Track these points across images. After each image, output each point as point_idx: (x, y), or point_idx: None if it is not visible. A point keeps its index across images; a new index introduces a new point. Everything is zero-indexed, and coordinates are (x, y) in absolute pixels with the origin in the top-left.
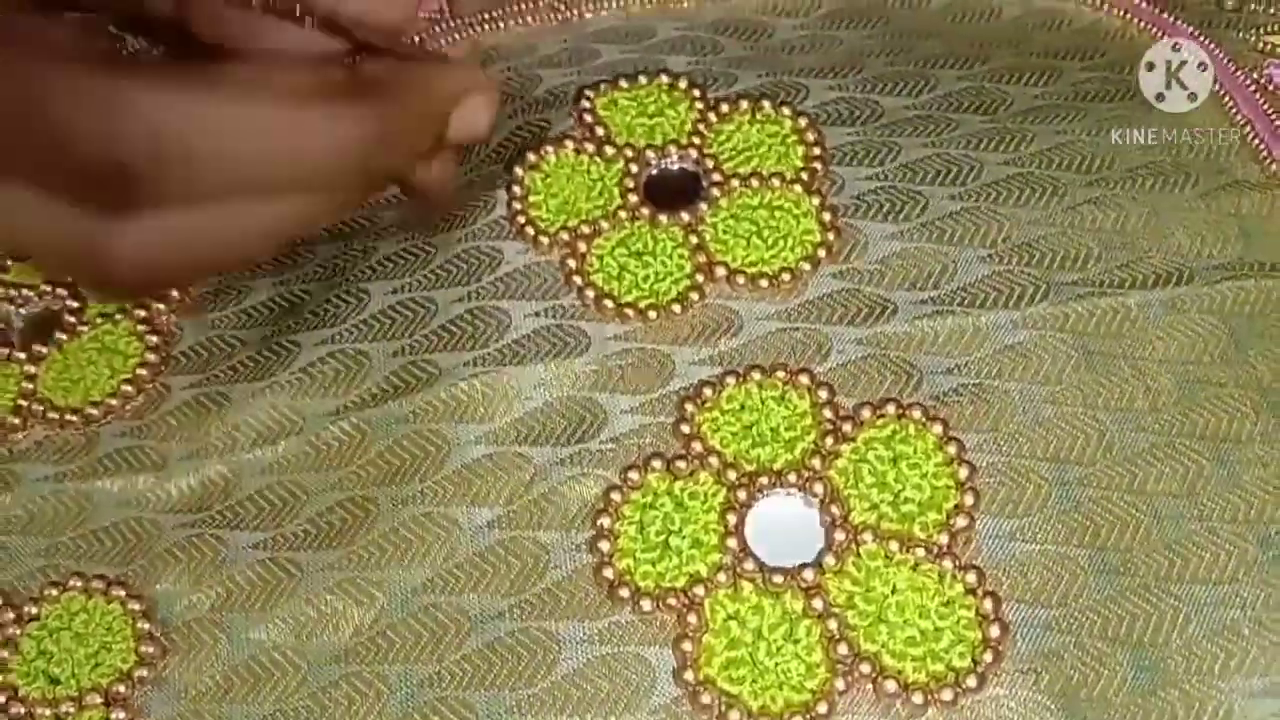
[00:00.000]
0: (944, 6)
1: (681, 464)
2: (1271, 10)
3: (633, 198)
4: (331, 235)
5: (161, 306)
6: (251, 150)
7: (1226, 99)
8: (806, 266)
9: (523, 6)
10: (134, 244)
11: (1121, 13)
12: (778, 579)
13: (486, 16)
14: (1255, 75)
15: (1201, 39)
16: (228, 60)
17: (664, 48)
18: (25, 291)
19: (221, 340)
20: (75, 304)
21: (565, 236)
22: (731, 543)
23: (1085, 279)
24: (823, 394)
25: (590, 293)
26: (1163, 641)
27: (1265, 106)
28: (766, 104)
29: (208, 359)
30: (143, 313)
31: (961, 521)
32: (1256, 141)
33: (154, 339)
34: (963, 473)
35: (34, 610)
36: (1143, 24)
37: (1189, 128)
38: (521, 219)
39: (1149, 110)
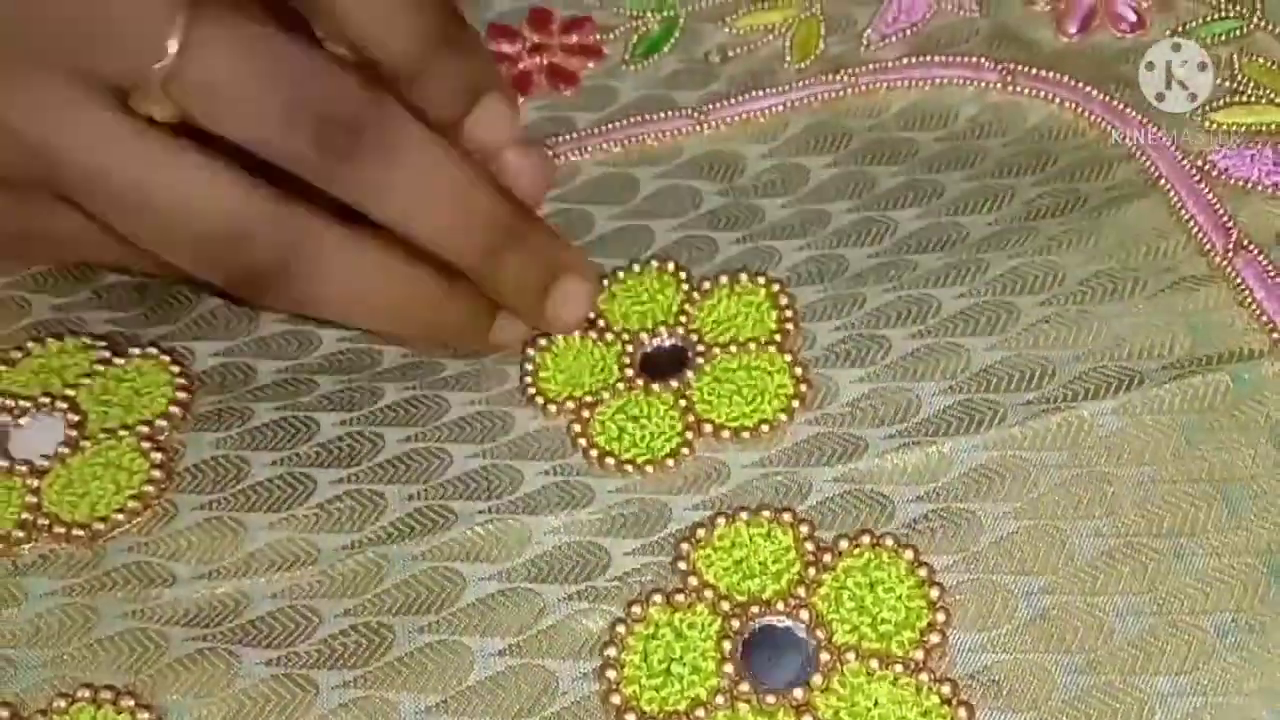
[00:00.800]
0: (903, 110)
1: (680, 597)
2: (1219, 82)
3: (629, 371)
4: (330, 365)
5: (164, 424)
6: None
7: (1171, 193)
8: (784, 417)
9: None
10: None
11: (1073, 105)
12: (770, 699)
13: None
14: (1199, 162)
15: (1150, 126)
16: None
17: (648, 209)
18: (22, 403)
19: (228, 460)
20: (76, 417)
21: (571, 405)
22: (728, 668)
23: (1041, 397)
24: (804, 529)
25: (594, 452)
26: None
27: (1209, 195)
28: (744, 277)
29: (215, 479)
30: (146, 429)
31: (935, 638)
32: (1200, 235)
33: (159, 455)
34: (934, 593)
35: None
36: (1092, 115)
37: (1136, 228)
38: (532, 390)
39: (1098, 219)
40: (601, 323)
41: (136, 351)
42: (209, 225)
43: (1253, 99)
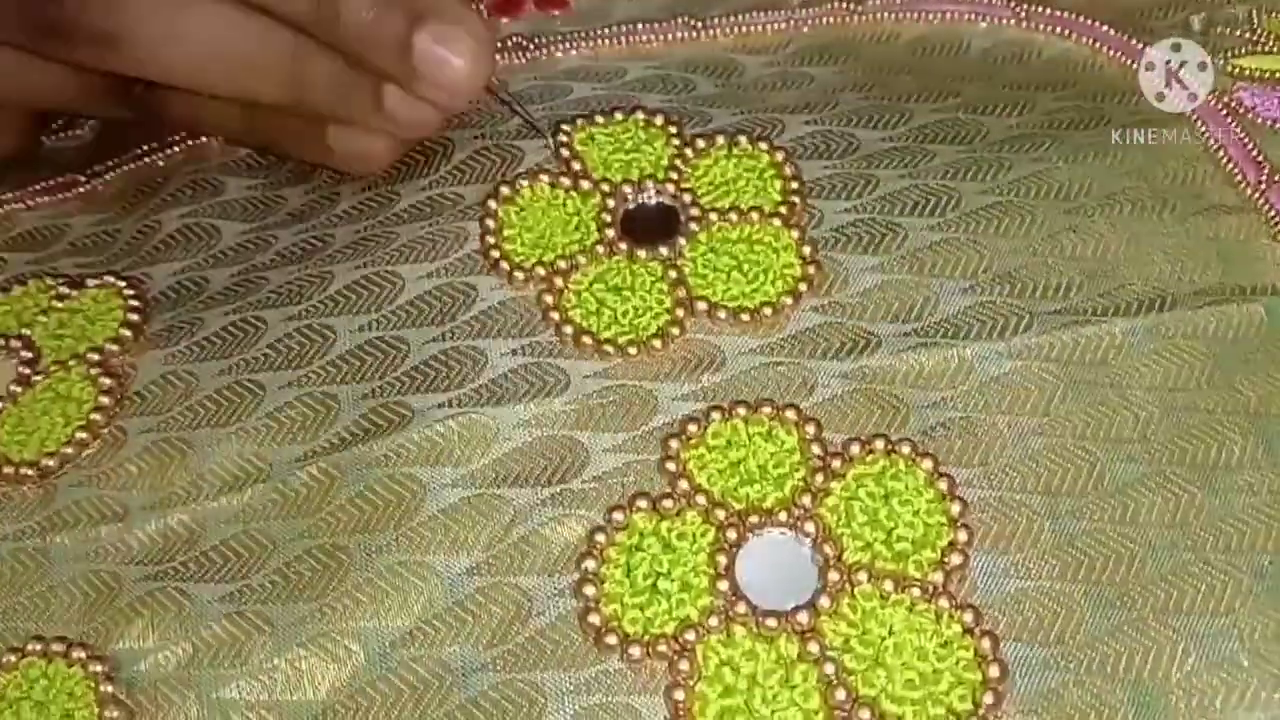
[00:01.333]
0: (913, 40)
1: (668, 503)
2: (1239, 33)
3: (610, 232)
4: (282, 259)
5: (115, 347)
6: None
7: (1199, 124)
8: (788, 300)
9: None
10: None
11: (1091, 41)
12: (771, 623)
13: None
14: (1226, 99)
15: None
16: None
17: (636, 86)
18: None
19: (176, 377)
20: (29, 355)
21: (541, 272)
22: (723, 585)
23: (1068, 308)
24: (810, 430)
25: (568, 329)
26: (1162, 676)
27: (1237, 130)
28: (743, 139)
29: (163, 398)
30: (96, 356)
31: (956, 559)
32: (1230, 165)
33: (107, 381)
34: (955, 509)
35: None
36: (1112, 52)
37: (1164, 152)
38: (496, 254)
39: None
40: (577, 167)
41: (93, 283)
42: None
43: (1275, 51)
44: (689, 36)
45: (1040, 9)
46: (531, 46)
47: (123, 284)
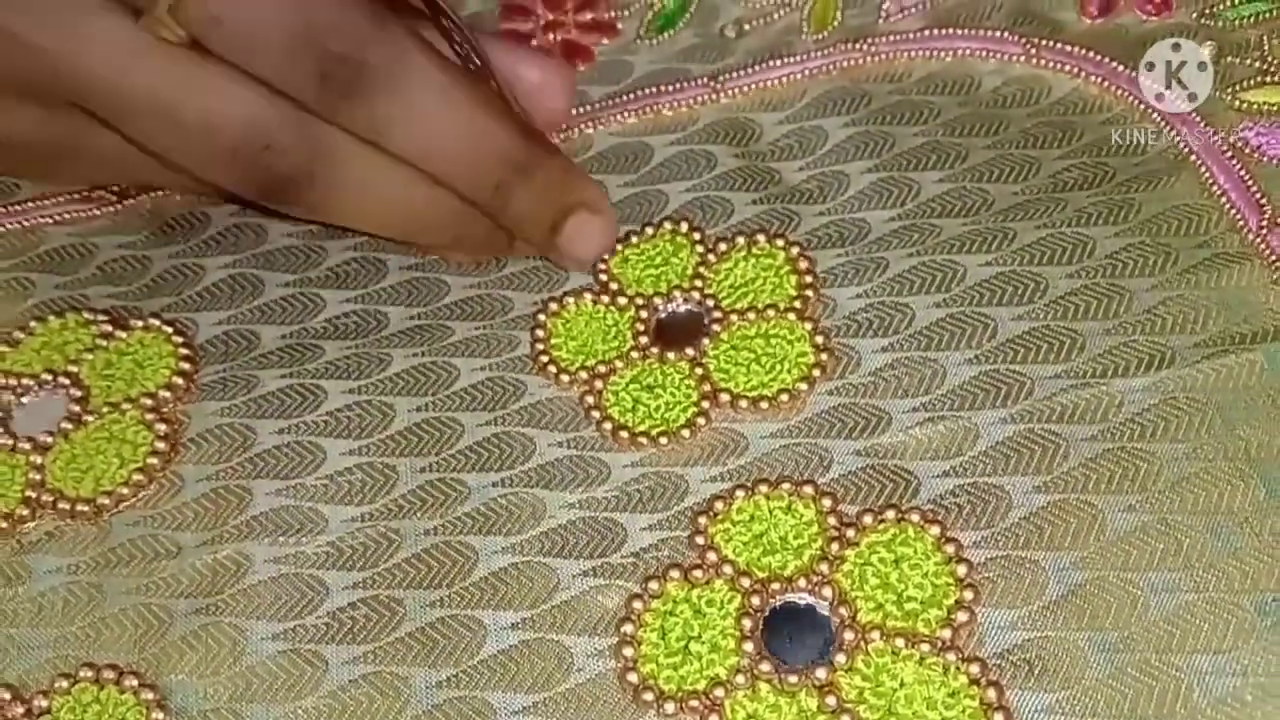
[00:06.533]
0: (924, 79)
1: (698, 573)
2: (1249, 62)
3: (643, 339)
4: (335, 330)
5: (168, 394)
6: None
7: (1203, 169)
8: (803, 387)
9: None
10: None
11: (1100, 79)
12: (792, 679)
13: None
14: (1230, 139)
15: None
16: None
17: (662, 174)
18: (25, 381)
19: (233, 429)
20: (78, 393)
21: (584, 375)
22: (748, 646)
23: (1070, 370)
24: (826, 503)
25: (608, 425)
26: (1167, 713)
27: (1241, 172)
28: (761, 238)
29: (221, 449)
30: (149, 401)
31: (963, 616)
32: (1233, 211)
33: (163, 427)
34: (961, 570)
35: (44, 704)
36: (1119, 89)
37: (1167, 203)
38: (544, 358)
39: (1127, 193)
40: (614, 287)
41: (139, 324)
42: (234, 136)
43: None
44: (709, 99)
45: (1049, 43)
46: (563, 125)
47: (169, 329)
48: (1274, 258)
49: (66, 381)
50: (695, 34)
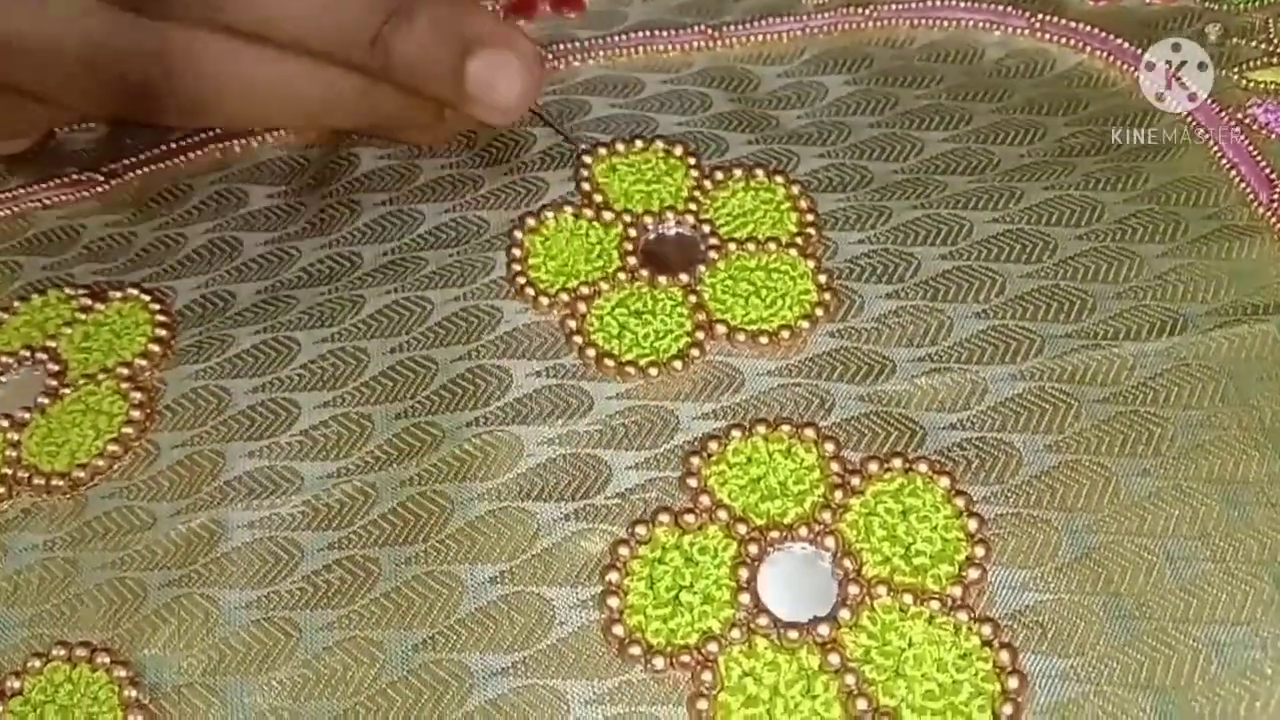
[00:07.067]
0: (926, 46)
1: (690, 518)
2: (1255, 44)
3: (631, 260)
4: (309, 278)
5: (143, 362)
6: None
7: (1212, 143)
8: (805, 325)
9: None
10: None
11: (1105, 54)
12: (792, 634)
13: None
14: (1239, 115)
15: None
16: None
17: (653, 104)
18: (4, 359)
19: (208, 392)
20: (56, 367)
21: (565, 297)
22: (744, 598)
23: (1080, 330)
24: (829, 448)
25: (591, 352)
26: (1185, 685)
27: (1250, 148)
28: (760, 172)
29: (195, 413)
30: (125, 370)
31: (974, 573)
32: (1243, 185)
33: (138, 395)
34: (972, 525)
35: (16, 684)
36: (1125, 65)
37: (1175, 174)
38: (521, 280)
39: (1135, 161)
40: (599, 199)
41: (117, 295)
42: (76, 53)
43: None
44: (705, 45)
45: (1054, 19)
46: (550, 57)
47: (147, 298)
48: None
49: (44, 357)
50: None
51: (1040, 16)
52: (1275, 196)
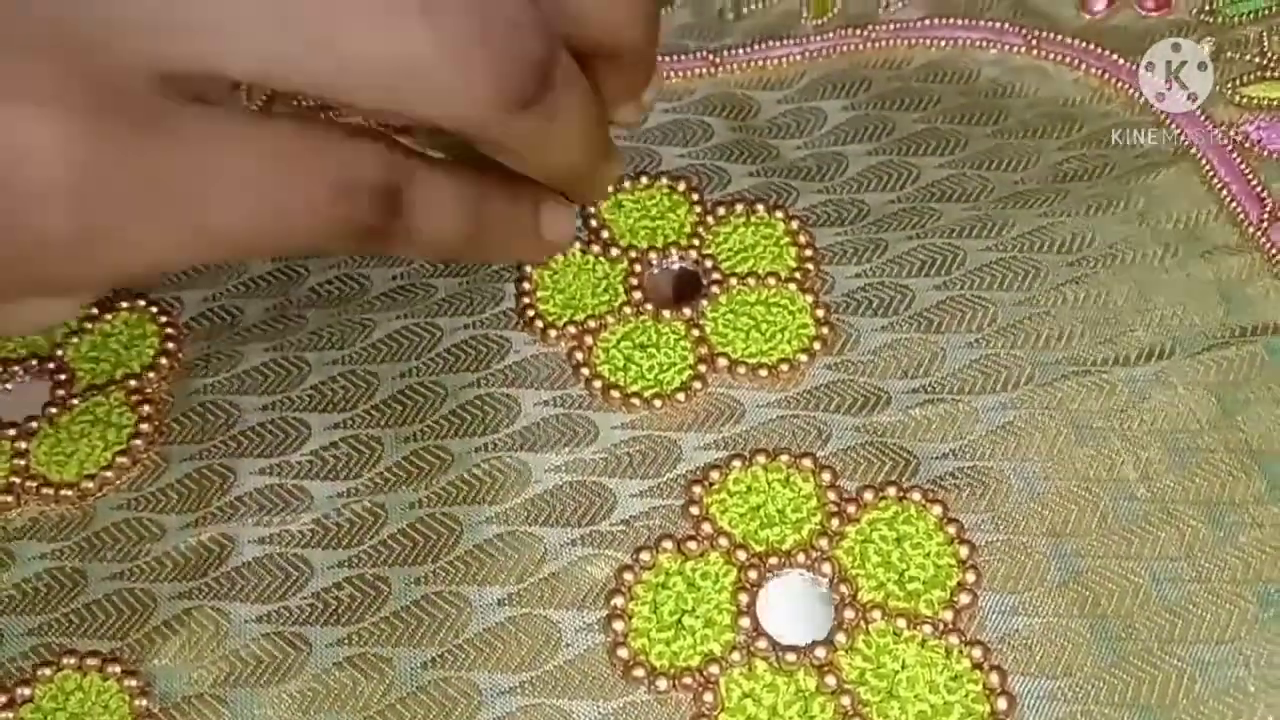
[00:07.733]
0: (923, 66)
1: (692, 545)
2: (1248, 58)
3: (636, 295)
4: (319, 298)
5: (152, 375)
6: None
7: (1203, 162)
8: (803, 358)
9: None
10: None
11: (1100, 72)
12: (790, 657)
13: None
14: (1231, 133)
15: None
16: None
17: (655, 136)
18: (12, 368)
19: (217, 406)
20: (63, 377)
21: (572, 330)
22: (744, 622)
23: (1070, 357)
24: (826, 477)
25: (597, 383)
26: (1170, 703)
27: (1241, 166)
28: (760, 208)
29: (204, 427)
30: (133, 383)
31: (965, 598)
32: (1233, 204)
33: (147, 408)
34: (963, 551)
35: (26, 692)
36: (1119, 82)
37: (1167, 195)
38: (530, 312)
39: (1127, 185)
40: (606, 235)
41: (124, 305)
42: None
43: None
44: (707, 71)
45: (1050, 35)
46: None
47: (154, 309)
48: (1274, 251)
49: (51, 366)
50: (692, 14)
51: (1036, 33)
52: (1265, 215)
